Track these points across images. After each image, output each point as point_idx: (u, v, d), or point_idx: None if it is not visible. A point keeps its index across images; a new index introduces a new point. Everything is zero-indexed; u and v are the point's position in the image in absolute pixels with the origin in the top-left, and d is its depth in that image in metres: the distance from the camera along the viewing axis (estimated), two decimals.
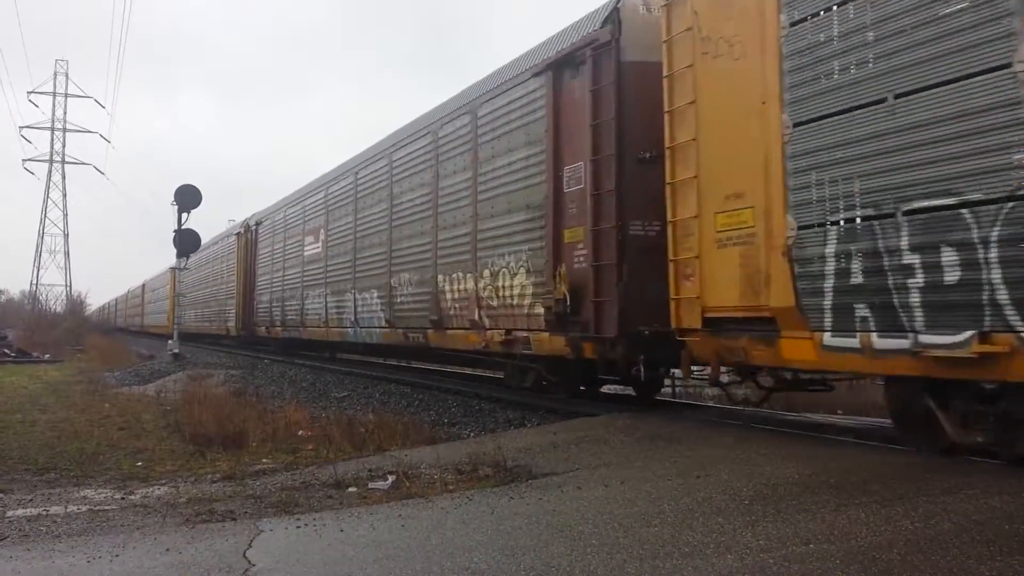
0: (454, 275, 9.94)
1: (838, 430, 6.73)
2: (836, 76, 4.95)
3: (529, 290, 8.34)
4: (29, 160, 65.54)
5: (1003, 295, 4.06)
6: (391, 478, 5.24)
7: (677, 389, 10.03)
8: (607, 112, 7.25)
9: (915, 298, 4.49)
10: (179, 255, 21.92)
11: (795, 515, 3.62)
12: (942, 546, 3.07)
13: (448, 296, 10.11)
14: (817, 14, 5.08)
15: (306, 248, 16.44)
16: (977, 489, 3.86)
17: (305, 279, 16.34)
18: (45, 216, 65.25)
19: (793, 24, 5.25)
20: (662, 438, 5.86)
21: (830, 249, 4.99)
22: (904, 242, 4.54)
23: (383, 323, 12.29)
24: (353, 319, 13.55)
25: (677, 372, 7.80)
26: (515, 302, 8.57)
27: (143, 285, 47.16)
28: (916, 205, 4.48)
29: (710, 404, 9.16)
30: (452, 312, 10.04)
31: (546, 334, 8.06)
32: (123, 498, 5.20)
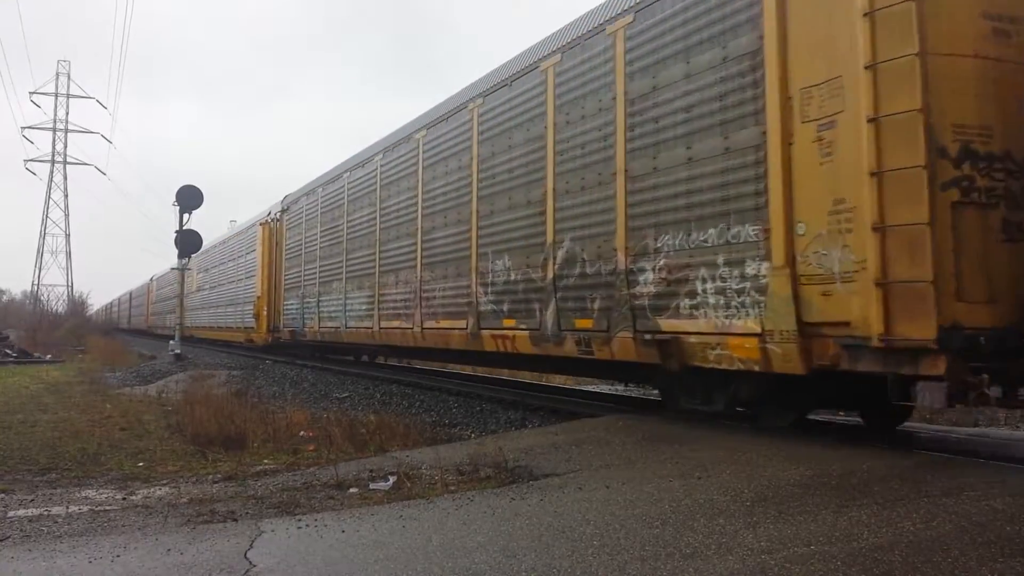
0: None
1: (839, 431, 6.73)
2: None
3: None
4: (31, 160, 65.65)
5: None
6: (392, 479, 5.24)
7: None
8: None
9: None
10: (181, 255, 21.93)
11: (796, 516, 3.62)
12: (943, 547, 3.07)
13: None
14: None
15: None
16: (978, 491, 3.86)
17: None
18: (47, 216, 65.33)
19: None
20: (663, 439, 5.85)
21: None
22: None
23: None
24: None
25: None
26: None
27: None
28: None
29: None
30: None
31: None
32: (124, 498, 5.20)
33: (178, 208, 21.13)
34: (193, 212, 21.28)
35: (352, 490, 5.04)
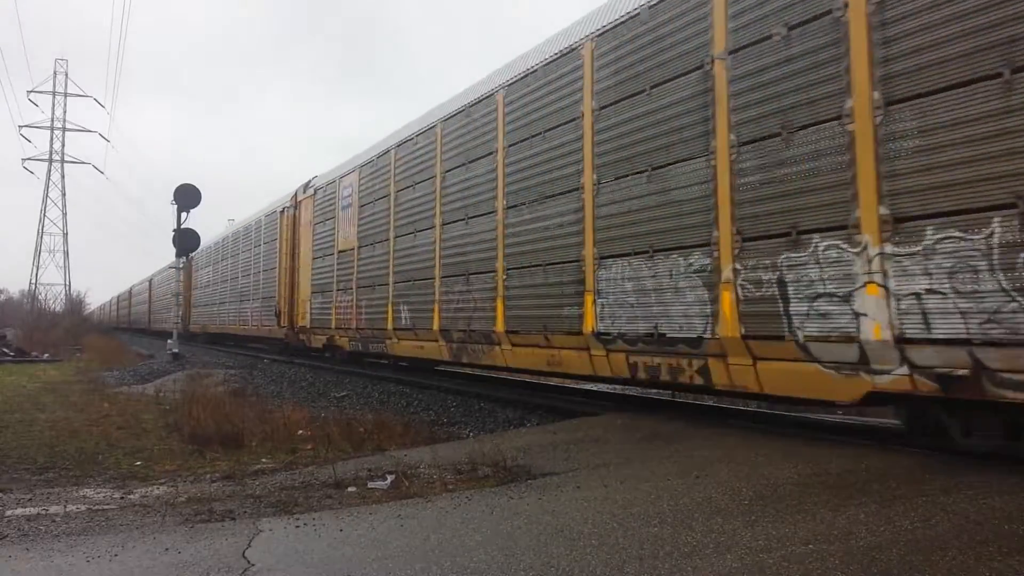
0: None
1: (838, 430, 6.74)
2: None
3: None
4: (29, 159, 65.58)
5: None
6: (390, 478, 5.24)
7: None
8: None
9: None
10: (178, 254, 21.90)
11: (795, 515, 3.62)
12: (941, 546, 3.07)
13: None
14: None
15: None
16: (976, 489, 3.86)
17: None
18: (44, 215, 65.25)
19: None
20: (661, 438, 5.86)
21: None
22: None
23: None
24: None
25: None
26: None
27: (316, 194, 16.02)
28: None
29: (710, 404, 9.16)
30: None
31: None
32: (122, 497, 5.19)
33: (176, 207, 21.10)
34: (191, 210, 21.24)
35: (350, 489, 5.04)
